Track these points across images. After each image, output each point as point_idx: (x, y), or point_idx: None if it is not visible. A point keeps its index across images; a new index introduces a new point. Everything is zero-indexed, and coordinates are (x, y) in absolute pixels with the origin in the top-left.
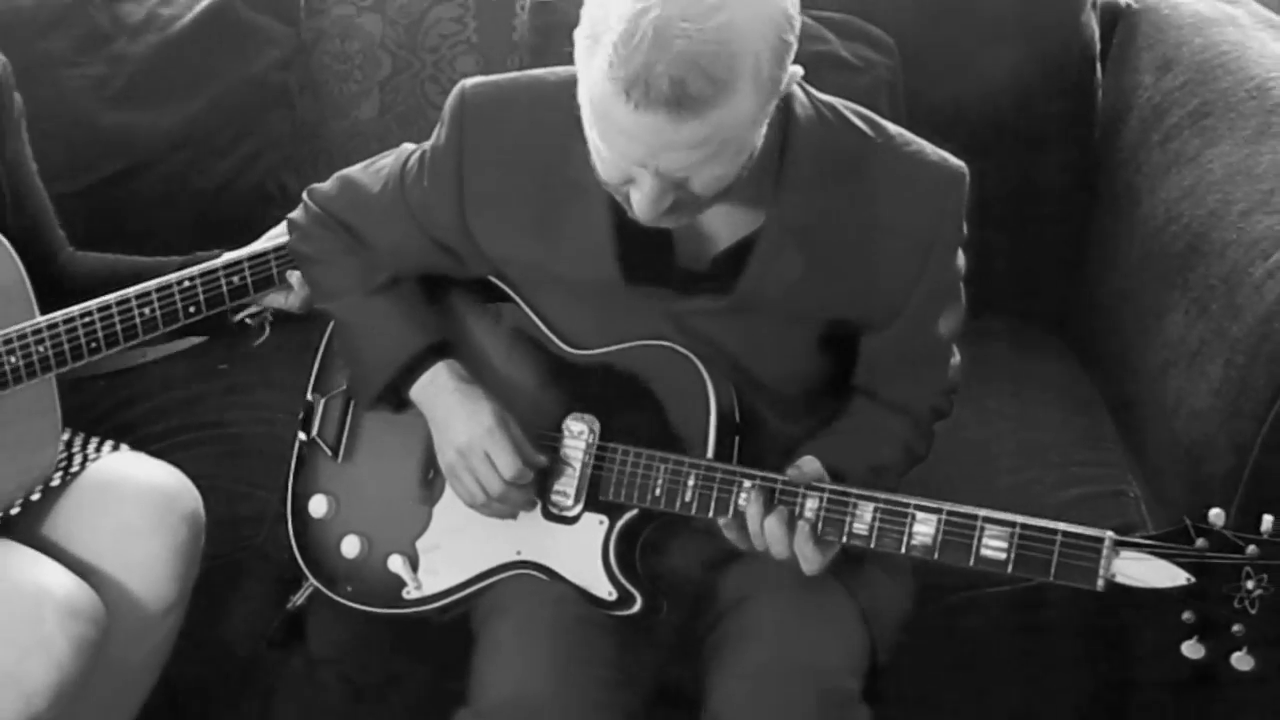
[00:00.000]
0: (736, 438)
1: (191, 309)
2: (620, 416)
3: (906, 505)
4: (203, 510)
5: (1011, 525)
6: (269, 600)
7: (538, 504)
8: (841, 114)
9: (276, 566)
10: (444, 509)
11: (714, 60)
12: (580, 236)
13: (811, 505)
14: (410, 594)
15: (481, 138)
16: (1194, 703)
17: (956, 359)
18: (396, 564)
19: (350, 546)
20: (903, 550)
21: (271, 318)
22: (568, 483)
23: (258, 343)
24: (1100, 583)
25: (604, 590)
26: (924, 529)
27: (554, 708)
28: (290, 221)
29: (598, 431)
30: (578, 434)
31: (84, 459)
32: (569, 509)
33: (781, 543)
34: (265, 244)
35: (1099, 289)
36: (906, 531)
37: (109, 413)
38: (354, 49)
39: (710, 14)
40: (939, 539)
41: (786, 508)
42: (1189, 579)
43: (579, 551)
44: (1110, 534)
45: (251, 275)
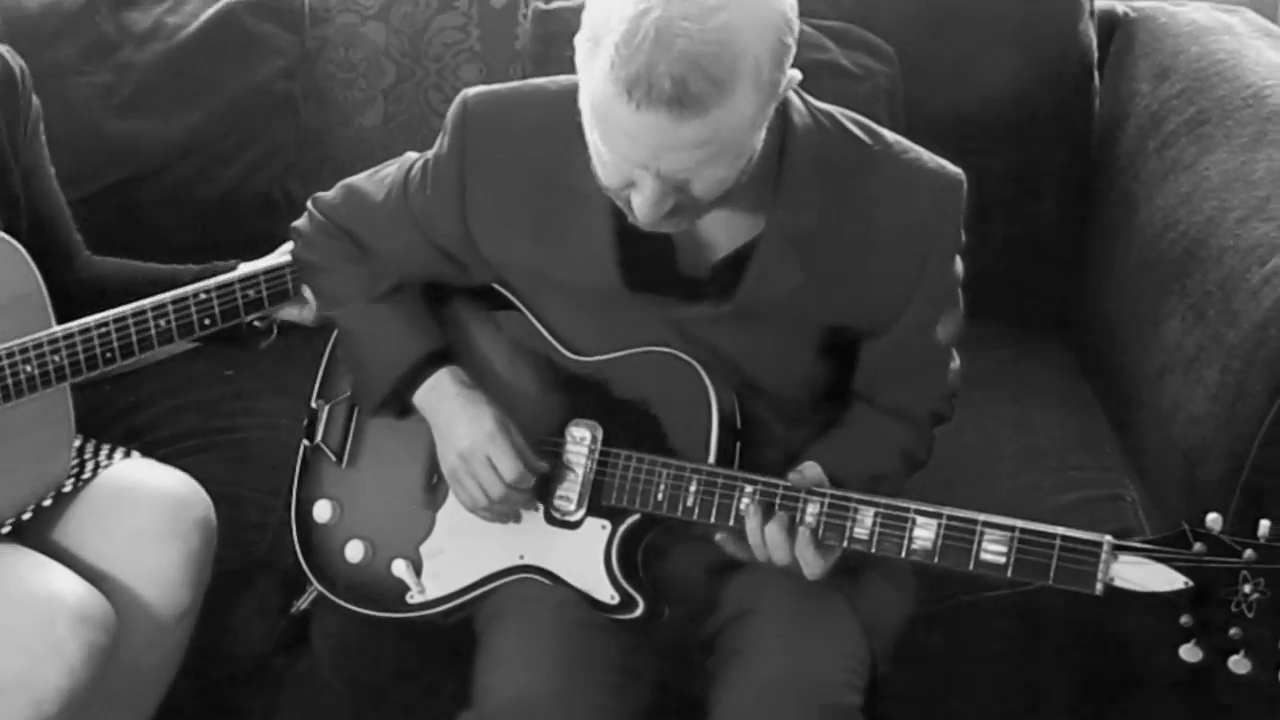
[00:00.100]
0: (738, 443)
1: (207, 321)
2: (622, 422)
3: (906, 510)
4: (214, 517)
5: (1011, 529)
6: (274, 604)
7: (540, 508)
8: (839, 122)
9: (281, 571)
10: (447, 514)
11: (715, 60)
12: (582, 243)
13: (812, 510)
14: (414, 598)
15: (483, 146)
16: (1192, 705)
17: (956, 364)
18: (400, 568)
19: (354, 551)
20: (903, 555)
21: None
22: (570, 488)
23: (264, 345)
24: (1099, 587)
25: (606, 594)
26: (924, 533)
27: (556, 710)
28: (295, 229)
29: (600, 437)
30: (580, 440)
31: (96, 465)
32: (571, 514)
33: (783, 548)
34: (281, 258)
35: (1097, 295)
36: (907, 536)
37: (115, 418)
38: (358, 57)
39: (711, 14)
40: (939, 543)
41: (787, 513)
42: (1187, 583)
43: (581, 556)
44: (1109, 538)
45: (267, 289)
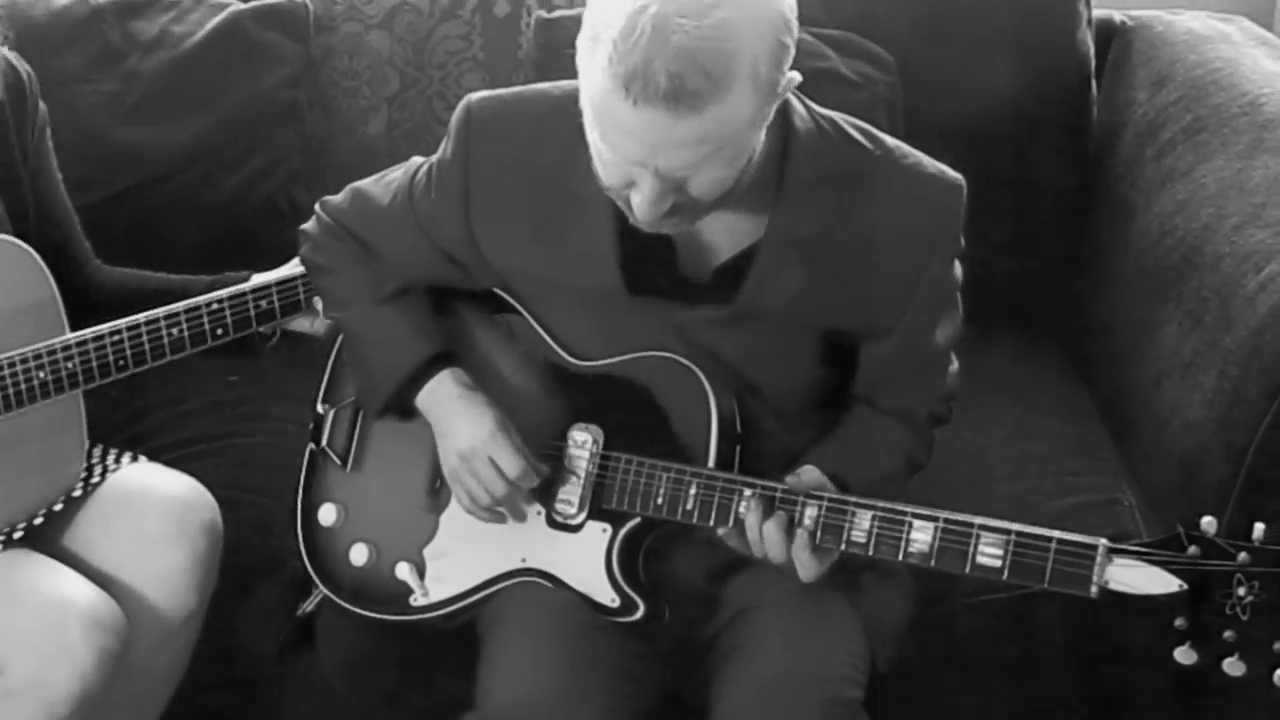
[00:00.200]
0: (737, 447)
1: (219, 331)
2: (623, 426)
3: (904, 513)
4: (221, 520)
5: (1007, 533)
6: (279, 607)
7: (542, 512)
8: (840, 127)
9: (286, 574)
10: (451, 517)
11: (711, 57)
12: (584, 246)
13: (810, 513)
14: (417, 601)
15: (487, 151)
16: (1187, 708)
17: (955, 366)
18: (404, 571)
19: (359, 554)
20: (900, 557)
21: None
22: (572, 491)
23: (268, 346)
24: (1094, 589)
25: (607, 597)
26: (921, 536)
27: (559, 713)
28: (303, 232)
29: (601, 441)
30: (582, 443)
31: (104, 470)
32: (573, 517)
33: (779, 548)
34: (294, 269)
35: (1094, 300)
36: (904, 539)
37: (122, 424)
38: (362, 66)
39: (708, 12)
40: (936, 546)
41: (785, 514)
42: (1181, 586)
43: (583, 559)
44: (1104, 542)
45: (279, 300)
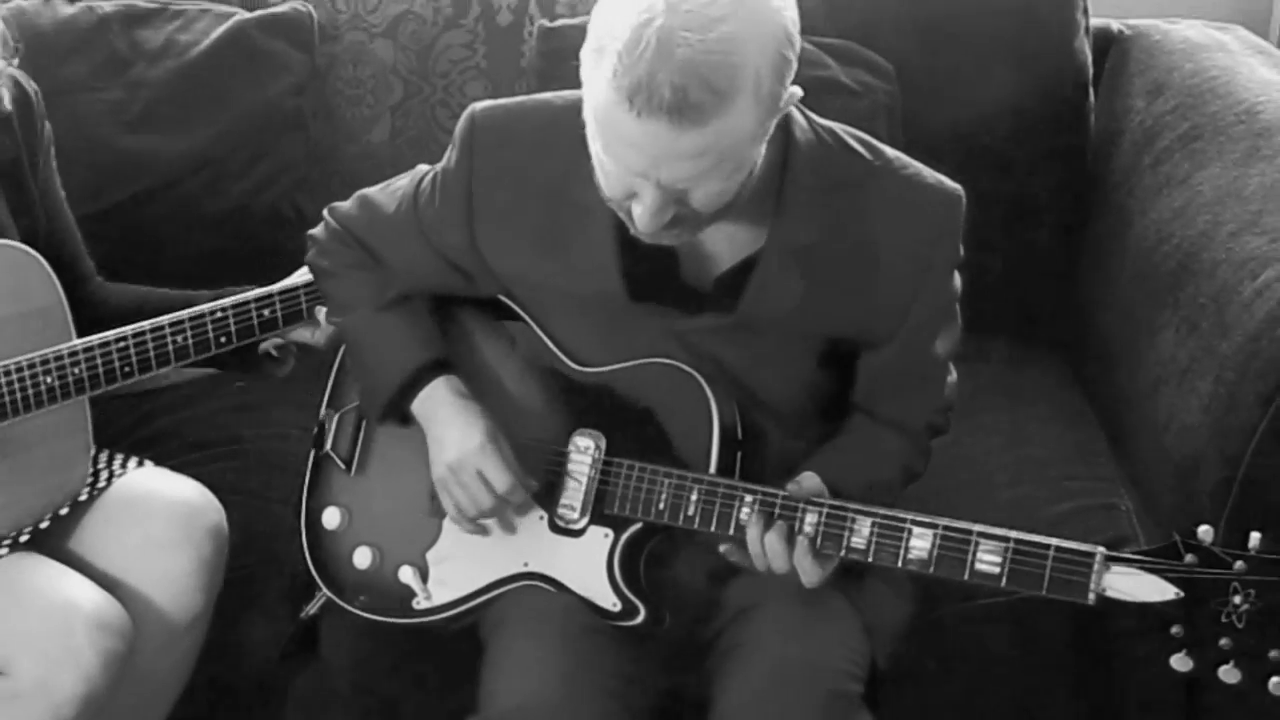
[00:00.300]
0: (738, 453)
1: (223, 339)
2: (625, 432)
3: (903, 520)
4: (226, 524)
5: (1005, 540)
6: (283, 610)
7: (545, 516)
8: (840, 138)
9: (291, 577)
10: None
11: (715, 70)
12: (586, 254)
13: (811, 520)
14: (420, 604)
15: (490, 159)
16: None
17: (953, 377)
18: (407, 575)
19: (362, 558)
20: (899, 564)
21: (296, 350)
22: (574, 496)
23: (281, 374)
24: (1091, 597)
25: (608, 601)
26: (920, 543)
27: (560, 715)
28: (311, 237)
29: (603, 447)
30: (584, 449)
31: (110, 475)
32: (575, 522)
33: (781, 556)
34: (295, 279)
35: (1092, 307)
36: (903, 546)
37: (129, 429)
38: (366, 74)
39: (713, 25)
40: (935, 553)
41: (786, 523)
42: (1178, 593)
43: (584, 563)
44: (1101, 549)
45: (282, 309)
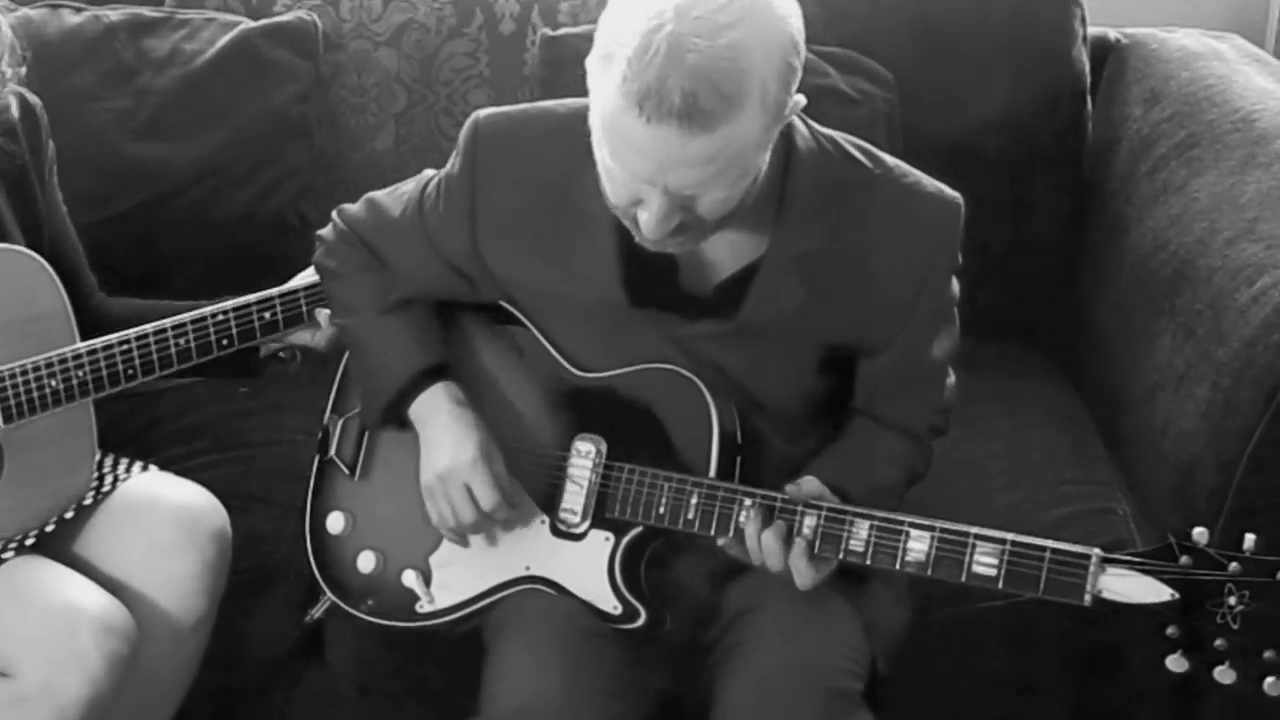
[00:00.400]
0: (738, 458)
1: (224, 341)
2: (626, 437)
3: (901, 523)
4: (229, 528)
5: (1002, 543)
6: (288, 614)
7: (546, 520)
8: (841, 146)
9: (295, 581)
10: None
11: (724, 76)
12: (587, 261)
13: (809, 522)
14: (423, 608)
15: (493, 166)
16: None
17: (952, 380)
18: (410, 579)
19: (366, 562)
20: (897, 566)
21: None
22: (575, 500)
23: (291, 372)
24: (1087, 598)
25: (609, 605)
26: (918, 545)
27: (561, 718)
28: (319, 237)
29: (604, 451)
30: (585, 454)
31: (114, 479)
32: (576, 526)
33: (777, 556)
34: (296, 282)
35: (1090, 314)
36: (901, 548)
37: (133, 434)
38: (370, 83)
39: (722, 32)
40: (932, 556)
41: (785, 523)
42: (1174, 595)
43: (585, 567)
44: (1097, 551)
45: (283, 311)
